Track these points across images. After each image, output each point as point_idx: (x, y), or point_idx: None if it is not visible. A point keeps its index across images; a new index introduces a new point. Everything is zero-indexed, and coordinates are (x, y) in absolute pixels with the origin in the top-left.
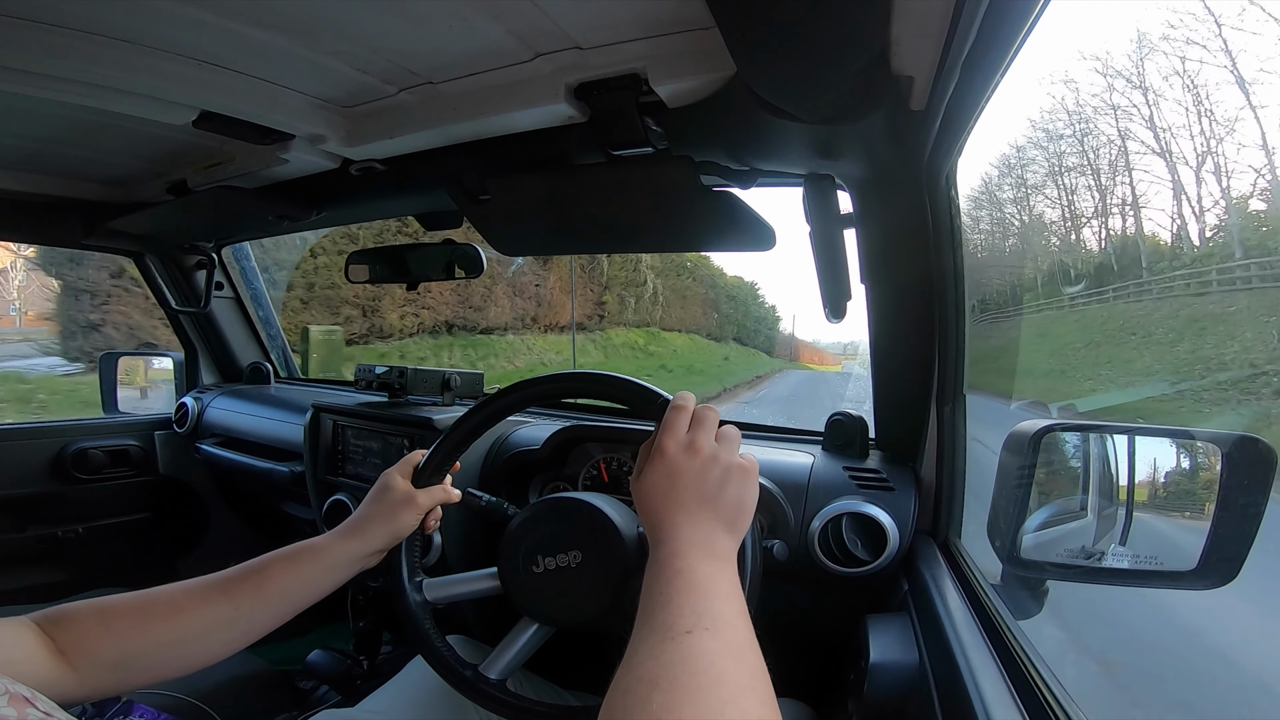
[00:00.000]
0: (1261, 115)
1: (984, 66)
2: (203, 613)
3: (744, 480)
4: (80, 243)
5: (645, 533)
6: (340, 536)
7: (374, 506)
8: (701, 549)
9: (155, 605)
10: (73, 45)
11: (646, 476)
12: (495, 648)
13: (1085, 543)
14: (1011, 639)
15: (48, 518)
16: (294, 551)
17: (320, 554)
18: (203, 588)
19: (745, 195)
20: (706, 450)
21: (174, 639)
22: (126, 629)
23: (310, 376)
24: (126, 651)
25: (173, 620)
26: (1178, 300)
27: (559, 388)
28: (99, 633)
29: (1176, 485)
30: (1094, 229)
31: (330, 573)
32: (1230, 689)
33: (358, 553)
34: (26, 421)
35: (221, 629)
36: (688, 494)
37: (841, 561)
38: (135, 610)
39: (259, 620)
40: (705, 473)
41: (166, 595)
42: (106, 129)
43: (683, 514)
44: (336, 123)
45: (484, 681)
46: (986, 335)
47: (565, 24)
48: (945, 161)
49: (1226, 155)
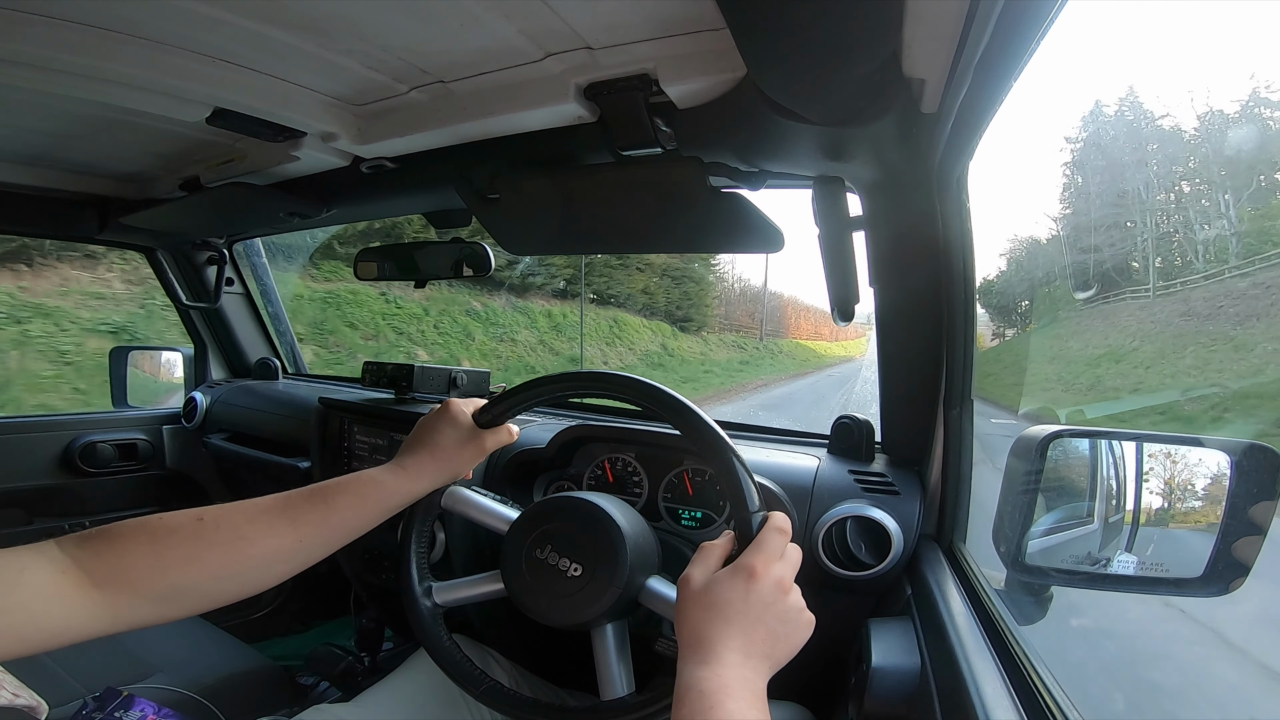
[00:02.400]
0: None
1: (997, 70)
2: (266, 542)
3: (806, 630)
4: (94, 238)
5: (683, 640)
6: (403, 472)
7: (435, 441)
8: (752, 692)
9: (217, 532)
10: (89, 42)
11: (718, 589)
12: (457, 580)
13: (1091, 549)
14: (1015, 645)
15: (55, 511)
16: (359, 484)
17: (382, 489)
18: (269, 515)
19: (754, 197)
20: (793, 595)
21: (230, 571)
22: (181, 559)
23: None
24: (176, 584)
25: (233, 549)
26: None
27: (657, 404)
28: (148, 562)
29: (1184, 492)
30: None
31: (389, 509)
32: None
33: (417, 491)
34: (35, 415)
35: (280, 560)
36: (759, 630)
37: (845, 565)
38: (193, 537)
39: (315, 553)
40: (785, 615)
41: (229, 521)
42: (121, 125)
43: (744, 645)
44: (348, 121)
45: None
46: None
47: (576, 24)
48: (956, 165)
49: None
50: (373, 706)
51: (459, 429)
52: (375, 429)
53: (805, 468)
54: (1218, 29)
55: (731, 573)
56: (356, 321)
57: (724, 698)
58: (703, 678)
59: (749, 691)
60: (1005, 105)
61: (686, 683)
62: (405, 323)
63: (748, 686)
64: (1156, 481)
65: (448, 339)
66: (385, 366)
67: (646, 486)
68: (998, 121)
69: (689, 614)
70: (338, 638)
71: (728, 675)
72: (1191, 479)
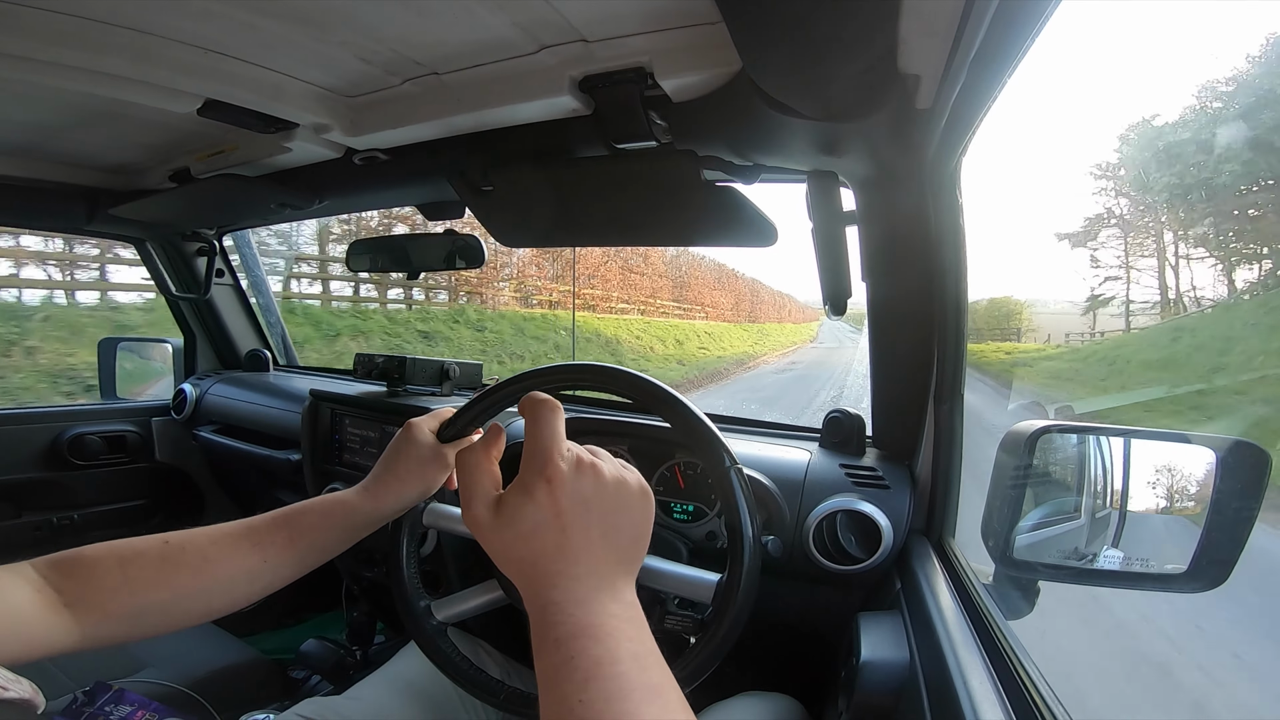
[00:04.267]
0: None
1: (992, 66)
2: (230, 564)
3: (644, 500)
4: (82, 229)
5: (523, 593)
6: (369, 495)
7: (399, 462)
8: (618, 618)
9: (183, 555)
10: (78, 32)
11: (521, 513)
12: (454, 594)
13: (1078, 544)
14: (1002, 639)
15: (43, 504)
16: (326, 507)
17: (351, 511)
18: (232, 538)
19: (748, 191)
20: (608, 470)
21: (196, 590)
22: (149, 580)
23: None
24: (145, 604)
25: (199, 571)
26: None
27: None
28: (118, 583)
29: (1170, 488)
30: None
31: (358, 530)
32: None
33: (385, 511)
34: (23, 406)
35: (246, 581)
36: (593, 535)
37: (836, 559)
38: (160, 559)
39: (284, 573)
40: (615, 503)
41: (194, 543)
42: (110, 116)
43: (588, 562)
44: (340, 112)
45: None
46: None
47: (571, 17)
48: (950, 161)
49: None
50: (364, 699)
51: (421, 448)
52: (367, 421)
53: (796, 461)
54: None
55: (519, 490)
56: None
57: (587, 642)
58: (553, 624)
59: (613, 617)
60: (999, 101)
61: (539, 637)
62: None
63: (608, 612)
64: (1143, 477)
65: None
66: (377, 358)
67: None
68: (991, 117)
69: (502, 558)
70: (329, 631)
71: (580, 610)
72: (1178, 475)
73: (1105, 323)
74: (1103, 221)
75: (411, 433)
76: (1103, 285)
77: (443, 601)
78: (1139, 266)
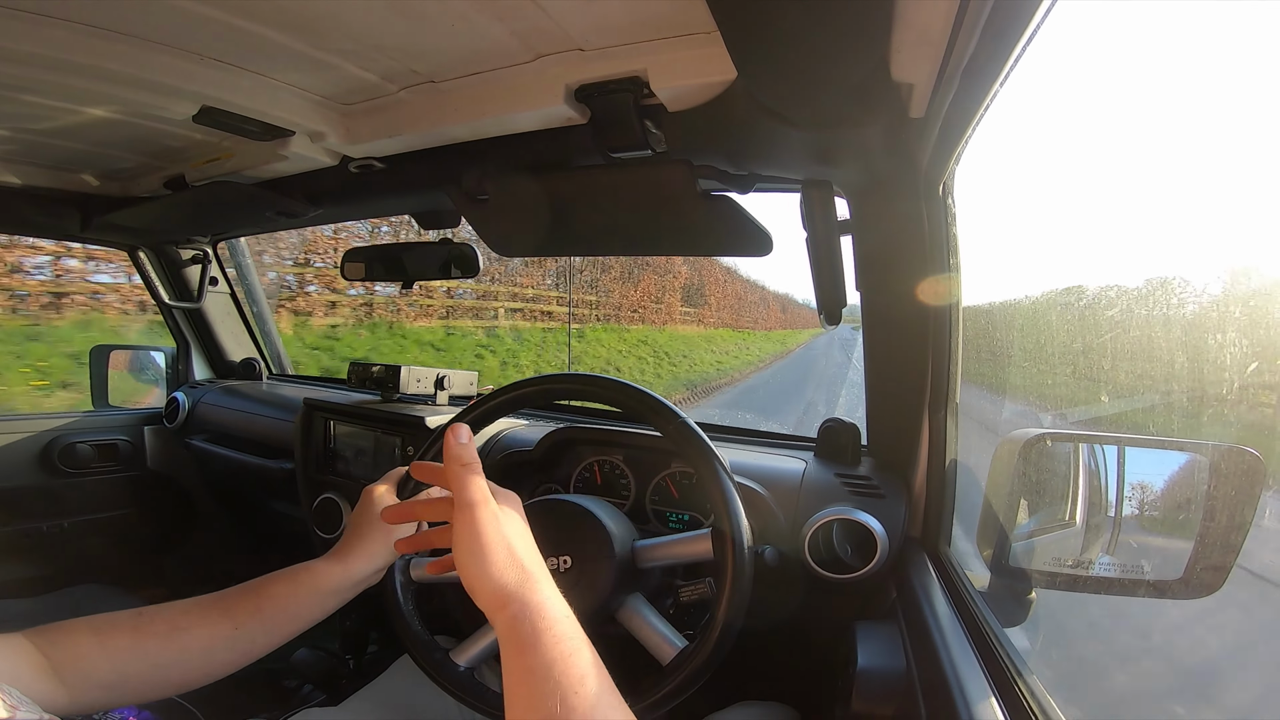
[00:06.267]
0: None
1: (984, 75)
2: (201, 632)
3: (516, 503)
4: (76, 235)
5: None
6: (338, 560)
7: (363, 526)
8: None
9: (153, 624)
10: (74, 39)
11: (481, 538)
12: (469, 637)
13: (1073, 552)
14: (998, 646)
15: (34, 512)
16: (293, 573)
17: (320, 577)
18: (201, 607)
19: (743, 200)
20: (487, 503)
21: (171, 659)
22: (123, 648)
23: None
24: (122, 671)
25: (170, 639)
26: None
27: (555, 389)
28: (95, 651)
29: (1164, 495)
30: None
31: (332, 596)
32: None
33: (355, 576)
34: (14, 414)
35: (221, 649)
36: (502, 541)
37: (832, 568)
38: (132, 628)
39: (259, 641)
40: (503, 518)
41: (165, 614)
42: (106, 123)
43: (511, 564)
44: (336, 120)
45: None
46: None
47: (568, 26)
48: (943, 170)
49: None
50: (359, 711)
51: (378, 509)
52: (360, 431)
53: (792, 470)
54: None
55: (462, 524)
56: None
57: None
58: (505, 620)
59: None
60: (992, 111)
61: (499, 631)
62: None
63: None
64: (1137, 484)
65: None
66: (371, 367)
67: (634, 489)
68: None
69: (488, 588)
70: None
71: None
72: (1171, 482)
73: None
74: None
75: (369, 497)
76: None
77: (461, 647)
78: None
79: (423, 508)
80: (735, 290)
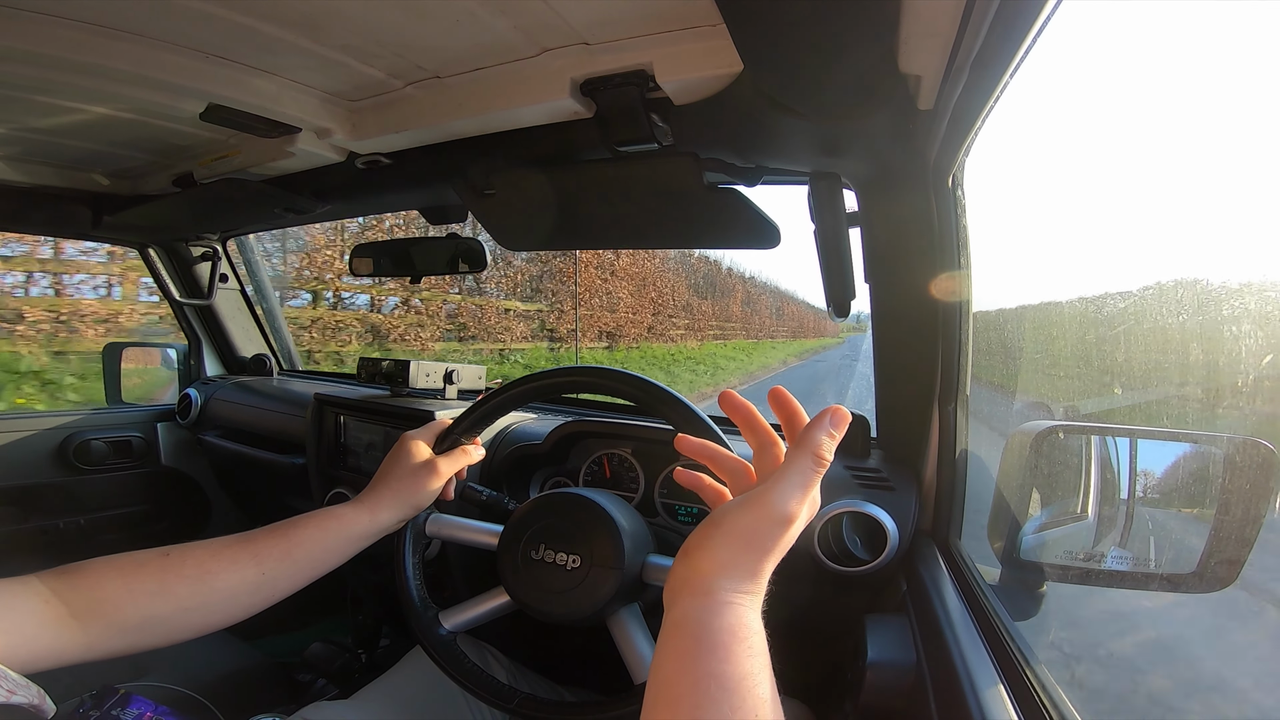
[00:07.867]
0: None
1: (993, 67)
2: (230, 576)
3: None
4: (87, 234)
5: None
6: (365, 508)
7: (394, 474)
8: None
9: (183, 565)
10: (82, 39)
11: (777, 507)
12: (462, 602)
13: (1085, 545)
14: (1009, 640)
15: (49, 509)
16: (321, 519)
17: (348, 524)
18: (231, 549)
19: (750, 193)
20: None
21: (198, 602)
22: (151, 591)
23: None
24: (148, 615)
25: (200, 582)
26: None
27: (598, 385)
28: (121, 595)
29: (1177, 488)
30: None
31: (355, 542)
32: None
33: (382, 523)
34: (30, 411)
35: (246, 593)
36: (740, 543)
37: (841, 560)
38: (160, 570)
39: (282, 585)
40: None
41: (194, 555)
42: (114, 122)
43: (729, 559)
44: (343, 116)
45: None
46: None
47: (573, 20)
48: (952, 162)
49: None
50: (371, 704)
51: (414, 459)
52: (370, 425)
53: None
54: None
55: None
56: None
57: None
58: (702, 607)
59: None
60: (1002, 102)
61: (684, 613)
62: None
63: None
64: (1150, 477)
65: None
66: (380, 362)
67: (643, 482)
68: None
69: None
70: (335, 635)
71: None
72: (1185, 475)
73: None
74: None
75: (406, 445)
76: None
77: (451, 610)
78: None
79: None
80: (768, 303)
